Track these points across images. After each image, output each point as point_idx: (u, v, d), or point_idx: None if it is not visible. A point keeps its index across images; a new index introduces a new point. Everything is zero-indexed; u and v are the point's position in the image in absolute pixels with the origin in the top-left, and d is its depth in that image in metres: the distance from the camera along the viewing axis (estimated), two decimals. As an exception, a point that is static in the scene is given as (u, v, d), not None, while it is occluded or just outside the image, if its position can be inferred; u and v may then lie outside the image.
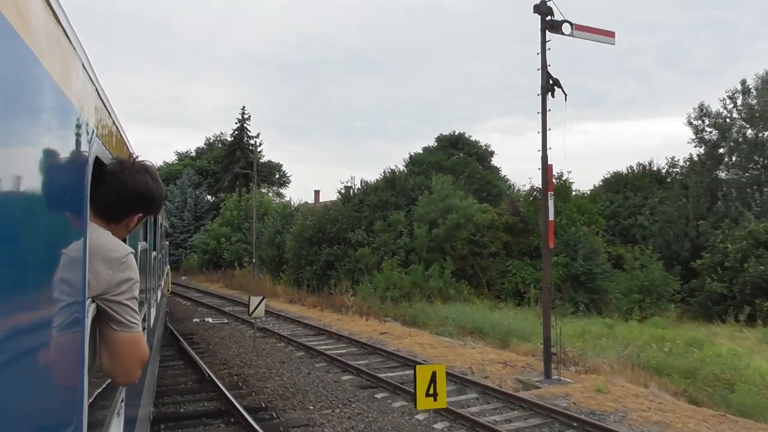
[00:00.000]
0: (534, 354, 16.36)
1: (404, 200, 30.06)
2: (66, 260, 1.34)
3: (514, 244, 28.45)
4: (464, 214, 27.43)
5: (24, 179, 1.02)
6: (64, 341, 1.33)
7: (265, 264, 35.55)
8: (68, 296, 1.35)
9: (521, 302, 25.90)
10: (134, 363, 1.87)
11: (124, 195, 2.00)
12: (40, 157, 1.13)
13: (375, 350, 15.56)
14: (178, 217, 48.54)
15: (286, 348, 16.12)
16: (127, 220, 2.06)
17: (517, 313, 22.35)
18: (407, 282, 25.53)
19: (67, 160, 1.37)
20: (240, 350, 15.59)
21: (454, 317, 20.58)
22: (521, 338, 18.46)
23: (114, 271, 1.77)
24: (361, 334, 18.44)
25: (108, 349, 1.81)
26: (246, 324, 20.22)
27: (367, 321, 21.04)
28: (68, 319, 1.34)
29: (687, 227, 30.41)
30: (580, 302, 25.55)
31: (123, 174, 2.01)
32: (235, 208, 41.73)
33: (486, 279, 27.30)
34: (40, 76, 1.11)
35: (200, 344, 16.56)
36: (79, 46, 1.50)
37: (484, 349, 16.24)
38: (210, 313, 23.26)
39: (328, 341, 17.38)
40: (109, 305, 1.76)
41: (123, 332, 1.79)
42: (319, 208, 32.22)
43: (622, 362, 14.84)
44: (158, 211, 2.33)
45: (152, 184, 2.08)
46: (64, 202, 1.35)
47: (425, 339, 17.40)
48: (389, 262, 26.91)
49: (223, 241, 39.92)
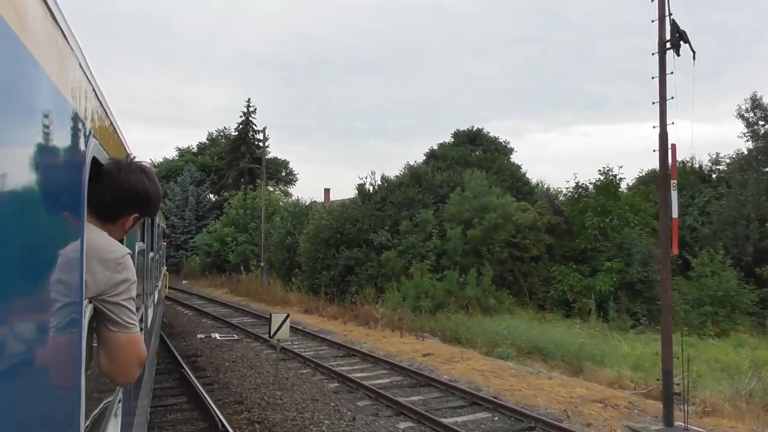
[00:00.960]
0: (620, 385, 13.19)
1: (432, 197, 26.89)
2: (63, 261, 1.33)
3: (557, 247, 25.26)
4: (503, 214, 24.25)
5: (20, 179, 1.03)
6: (62, 342, 1.33)
7: (274, 268, 32.38)
8: (65, 297, 1.34)
9: (570, 313, 22.72)
10: (132, 363, 1.87)
11: (120, 194, 1.99)
12: (36, 157, 1.12)
13: (427, 380, 12.38)
14: (178, 217, 45.36)
15: (314, 376, 12.93)
16: (123, 220, 2.05)
17: (575, 328, 19.17)
18: (440, 290, 22.35)
19: (63, 161, 1.37)
20: (258, 380, 12.41)
21: (504, 333, 17.40)
22: (592, 360, 15.30)
23: (111, 272, 1.77)
24: (401, 355, 15.26)
25: (106, 349, 1.81)
26: (260, 341, 17.04)
27: (402, 337, 17.85)
28: (65, 320, 1.34)
29: (748, 229, 27.22)
30: (639, 314, 22.36)
31: (119, 173, 2.01)
32: (241, 207, 38.55)
33: (527, 286, 24.12)
34: (37, 76, 1.11)
35: (207, 371, 13.38)
36: (76, 45, 1.50)
37: (561, 378, 13.03)
38: (216, 327, 20.06)
39: (363, 365, 14.20)
40: (106, 306, 1.77)
41: (120, 333, 1.79)
42: (335, 206, 29.03)
43: (745, 398, 11.69)
44: (155, 213, 2.31)
45: (148, 184, 2.07)
46: (61, 202, 1.35)
47: (482, 363, 14.21)
48: (418, 266, 23.72)
49: (228, 242, 36.73)
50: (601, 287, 22.68)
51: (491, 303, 21.89)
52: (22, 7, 1.00)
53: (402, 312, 20.65)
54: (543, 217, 25.52)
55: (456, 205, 25.19)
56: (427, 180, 27.86)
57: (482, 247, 24.07)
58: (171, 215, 45.42)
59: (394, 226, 25.99)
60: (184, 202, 45.63)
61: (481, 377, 12.87)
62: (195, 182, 46.44)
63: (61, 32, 1.31)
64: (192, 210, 45.34)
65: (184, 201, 45.65)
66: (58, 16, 1.29)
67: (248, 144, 46.17)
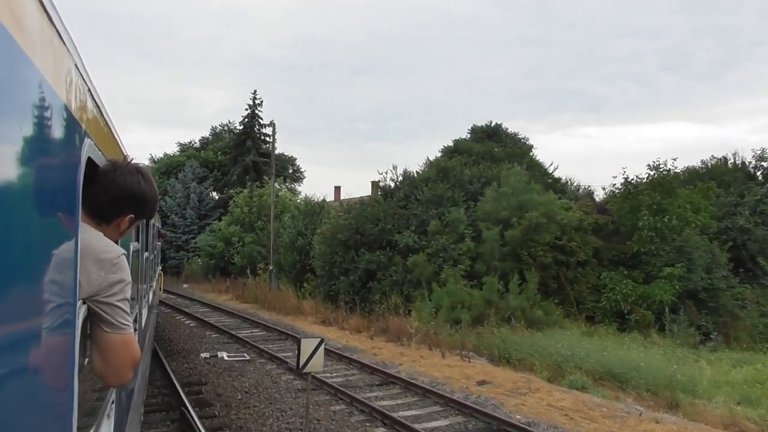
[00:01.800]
0: (740, 428, 10.39)
1: (462, 194, 24.09)
2: (57, 261, 1.33)
3: (605, 251, 22.45)
4: (545, 213, 21.44)
5: (15, 180, 1.03)
6: (55, 342, 1.32)
7: (284, 271, 29.58)
8: (59, 297, 1.33)
9: (625, 326, 19.92)
10: (125, 365, 1.86)
11: (115, 194, 1.99)
12: (30, 157, 1.12)
13: (499, 424, 9.56)
14: (179, 215, 42.56)
15: (352, 416, 10.13)
16: (118, 220, 2.04)
17: (638, 345, 16.37)
18: (479, 299, 19.55)
19: (58, 161, 1.37)
20: (282, 423, 9.61)
21: (567, 354, 14.60)
22: (685, 390, 12.52)
23: (106, 273, 1.77)
24: (450, 383, 12.47)
25: (99, 350, 1.80)
26: (276, 362, 14.26)
27: (445, 358, 15.04)
28: (59, 321, 1.33)
29: (814, 231, 24.40)
30: (706, 327, 19.56)
31: (114, 174, 2.01)
32: (246, 205, 35.73)
33: (574, 295, 21.29)
34: (31, 76, 1.11)
35: (215, 406, 10.59)
36: (72, 46, 1.50)
37: (669, 422, 10.19)
38: (223, 342, 17.26)
39: (408, 398, 11.41)
40: (100, 306, 1.75)
41: (114, 334, 1.78)
42: (353, 204, 26.21)
43: None
44: (152, 215, 2.29)
45: (144, 185, 2.07)
46: (56, 203, 1.34)
47: (557, 397, 11.40)
48: (450, 272, 20.93)
49: (233, 242, 33.89)
50: (660, 296, 19.86)
51: (537, 315, 19.08)
52: (17, 7, 1.01)
53: (437, 325, 17.84)
54: (588, 217, 22.71)
55: (491, 202, 22.39)
56: (456, 175, 25.04)
57: (522, 251, 21.26)
58: (171, 213, 42.64)
59: (421, 226, 23.19)
60: (186, 199, 42.82)
61: (565, 419, 10.06)
62: (197, 179, 43.63)
63: (56, 33, 1.32)
64: (194, 208, 42.55)
65: (186, 198, 42.85)
66: (54, 16, 1.29)
67: (254, 139, 43.36)
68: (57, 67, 1.32)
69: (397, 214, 23.68)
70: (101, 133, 2.11)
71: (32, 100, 1.12)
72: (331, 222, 24.98)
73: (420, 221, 23.28)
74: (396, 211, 23.78)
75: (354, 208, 25.09)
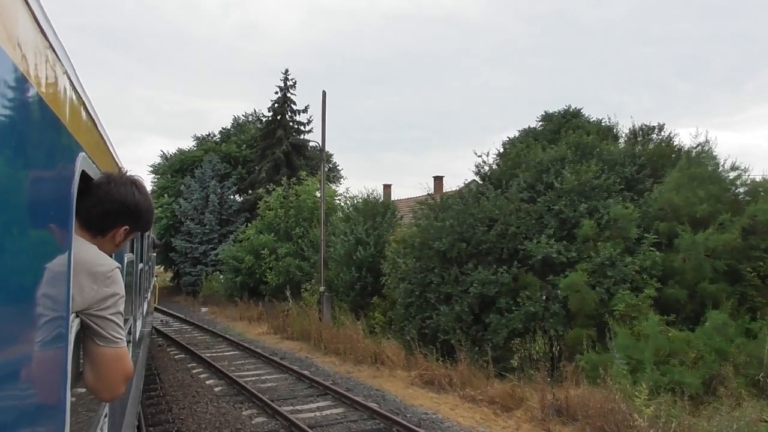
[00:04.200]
0: None
1: (619, 181, 16.09)
2: (50, 274, 1.33)
3: None
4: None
5: (8, 193, 1.03)
6: (47, 356, 1.31)
7: (338, 294, 21.72)
8: (51, 311, 1.33)
9: None
10: (118, 378, 1.84)
11: (109, 206, 1.98)
12: (23, 171, 1.12)
13: None
14: (196, 221, 34.92)
15: None
16: (113, 232, 2.03)
17: None
18: (704, 346, 11.55)
19: (52, 175, 1.38)
20: None
21: None
22: None
23: (99, 286, 1.75)
24: None
25: (92, 364, 1.78)
26: None
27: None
28: (51, 334, 1.33)
29: None
30: None
31: (109, 186, 2.00)
32: (281, 207, 27.98)
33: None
34: (24, 89, 1.10)
35: None
36: (66, 59, 1.50)
37: None
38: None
39: None
40: (93, 320, 1.74)
41: (107, 347, 1.77)
42: (448, 196, 18.22)
43: None
44: (148, 227, 2.28)
45: (139, 197, 2.05)
46: (49, 216, 1.34)
47: None
48: (630, 300, 12.99)
49: (265, 254, 26.09)
50: None
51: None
52: (9, 21, 1.00)
53: (667, 405, 9.82)
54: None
55: (679, 190, 14.40)
56: (601, 154, 17.06)
57: (743, 264, 13.26)
58: (186, 219, 35.02)
59: (562, 228, 15.24)
60: (204, 201, 35.18)
61: None
62: (217, 176, 35.99)
63: (49, 45, 1.31)
64: (214, 212, 34.87)
65: (204, 200, 35.21)
66: (47, 29, 1.29)
67: (286, 128, 35.65)
68: (49, 79, 1.32)
69: (521, 210, 15.73)
70: (95, 146, 2.13)
71: (24, 113, 1.11)
72: (421, 224, 17.05)
73: (560, 221, 15.32)
74: (519, 206, 15.83)
75: (454, 200, 17.12)
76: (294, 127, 36.33)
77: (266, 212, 28.58)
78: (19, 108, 1.07)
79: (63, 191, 1.49)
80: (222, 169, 36.42)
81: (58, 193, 1.43)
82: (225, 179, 36.38)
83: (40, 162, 1.25)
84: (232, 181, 36.23)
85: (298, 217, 27.49)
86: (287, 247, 25.89)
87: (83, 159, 1.74)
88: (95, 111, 2.13)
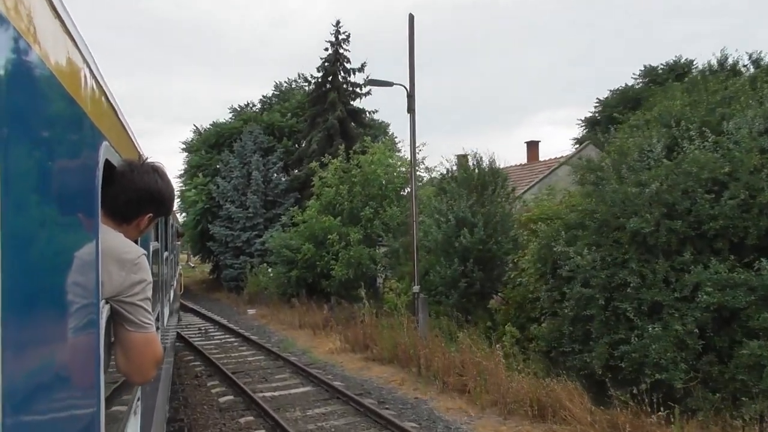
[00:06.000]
0: None
1: None
2: (79, 263, 1.36)
3: None
4: None
5: (35, 184, 1.04)
6: (80, 342, 1.36)
7: (434, 293, 15.95)
8: (83, 298, 1.36)
9: None
10: (149, 362, 1.89)
11: (133, 195, 2.01)
12: (49, 161, 1.14)
13: None
14: (237, 203, 29.46)
15: None
16: (137, 220, 2.06)
17: None
18: None
19: (77, 164, 1.41)
20: None
21: None
22: None
23: (127, 273, 1.78)
24: None
25: (123, 349, 1.83)
26: None
27: None
28: (83, 321, 1.36)
29: None
30: None
31: (132, 174, 2.03)
32: (343, 182, 22.20)
33: None
34: (48, 81, 1.12)
35: None
36: (86, 50, 1.52)
37: None
38: None
39: None
40: (122, 306, 1.78)
41: (137, 333, 1.81)
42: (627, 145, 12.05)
43: None
44: (169, 212, 2.40)
45: (161, 184, 2.09)
46: (76, 205, 1.37)
47: None
48: None
49: (332, 241, 20.38)
50: None
51: None
52: (31, 14, 1.01)
53: None
54: None
55: None
56: None
57: None
58: (225, 201, 29.58)
59: None
60: (245, 180, 29.69)
61: None
62: (260, 150, 30.42)
63: (69, 36, 1.32)
64: (258, 192, 29.35)
65: (245, 179, 29.72)
66: (67, 20, 1.30)
67: (339, 90, 29.78)
68: (72, 70, 1.34)
69: None
70: (117, 135, 2.15)
71: (49, 105, 1.13)
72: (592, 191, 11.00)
73: None
74: (765, 160, 9.69)
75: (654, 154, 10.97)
76: (348, 90, 30.44)
77: (323, 189, 22.83)
78: (43, 98, 1.08)
79: (88, 180, 1.52)
80: (265, 141, 30.83)
81: (83, 182, 1.47)
82: (269, 154, 30.80)
83: (65, 152, 1.28)
84: (277, 156, 30.61)
85: (365, 195, 21.70)
86: (357, 232, 20.11)
87: (106, 148, 1.76)
88: (116, 100, 2.13)
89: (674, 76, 32.10)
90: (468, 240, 15.31)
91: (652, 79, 33.87)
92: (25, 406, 0.95)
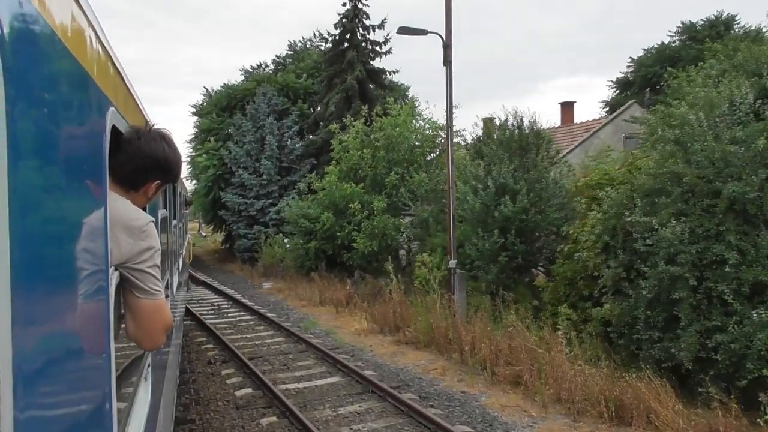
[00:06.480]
0: None
1: None
2: (88, 230, 1.33)
3: None
4: None
5: (41, 150, 1.02)
6: (91, 308, 1.33)
7: (470, 267, 14.39)
8: (92, 265, 1.34)
9: None
10: (158, 329, 1.86)
11: (141, 162, 1.97)
12: (56, 126, 1.11)
13: None
14: (250, 170, 27.84)
15: None
16: (145, 187, 2.04)
17: None
18: None
19: (83, 130, 1.37)
20: None
21: None
22: None
23: (135, 240, 1.75)
24: None
25: (132, 315, 1.80)
26: None
27: None
28: (93, 287, 1.35)
29: None
30: None
31: (139, 141, 1.99)
32: (365, 146, 20.46)
33: None
34: (54, 47, 1.09)
35: None
36: (92, 14, 1.48)
37: None
38: None
39: None
40: (131, 273, 1.75)
41: (146, 299, 1.79)
42: None
43: None
44: (176, 179, 2.30)
45: (168, 151, 2.05)
46: (83, 171, 1.34)
47: None
48: None
49: (354, 210, 18.77)
50: None
51: None
52: None
53: None
54: None
55: None
56: None
57: None
58: (238, 167, 27.95)
59: None
60: (259, 145, 28.01)
61: None
62: (275, 113, 28.65)
63: (76, 1, 1.30)
64: (272, 158, 27.69)
65: (259, 143, 28.03)
66: None
67: (358, 48, 27.77)
68: (77, 33, 1.30)
69: None
70: (124, 100, 2.11)
71: (55, 70, 1.10)
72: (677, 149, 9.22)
73: None
74: None
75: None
76: (368, 48, 28.42)
77: (344, 155, 21.12)
78: (48, 62, 1.06)
79: (96, 147, 1.49)
80: (280, 103, 29.02)
81: (91, 148, 1.44)
82: (283, 117, 29.03)
83: (71, 117, 1.24)
84: (292, 120, 28.84)
85: (389, 160, 19.98)
86: (381, 200, 18.45)
87: (113, 114, 1.72)
88: (122, 65, 2.08)
89: (714, 32, 29.83)
90: (509, 209, 13.64)
91: (690, 36, 31.55)
92: (36, 372, 0.94)
